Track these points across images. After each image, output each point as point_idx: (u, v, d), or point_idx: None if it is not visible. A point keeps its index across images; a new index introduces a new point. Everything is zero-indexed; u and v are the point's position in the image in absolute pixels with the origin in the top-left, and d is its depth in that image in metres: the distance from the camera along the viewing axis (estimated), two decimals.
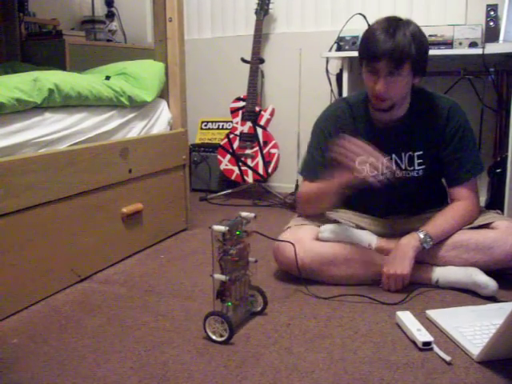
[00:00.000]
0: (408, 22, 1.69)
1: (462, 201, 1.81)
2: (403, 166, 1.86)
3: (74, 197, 1.84)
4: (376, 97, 1.73)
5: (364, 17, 2.70)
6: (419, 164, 1.85)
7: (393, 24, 1.66)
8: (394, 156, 1.85)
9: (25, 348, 1.40)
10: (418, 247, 1.71)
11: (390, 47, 1.63)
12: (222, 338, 1.42)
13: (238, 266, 1.47)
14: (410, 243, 1.72)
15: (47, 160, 1.73)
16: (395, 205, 1.93)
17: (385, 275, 1.71)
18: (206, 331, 1.44)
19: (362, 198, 1.93)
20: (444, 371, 1.25)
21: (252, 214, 1.51)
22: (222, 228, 1.41)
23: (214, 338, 1.43)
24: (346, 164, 1.63)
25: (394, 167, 1.82)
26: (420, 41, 1.67)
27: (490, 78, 2.70)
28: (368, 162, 1.61)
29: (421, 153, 1.84)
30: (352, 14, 2.78)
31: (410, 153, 1.85)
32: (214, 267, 1.43)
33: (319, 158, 1.90)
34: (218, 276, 1.43)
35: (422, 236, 1.72)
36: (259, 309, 1.59)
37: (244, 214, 1.51)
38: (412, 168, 1.86)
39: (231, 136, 3.25)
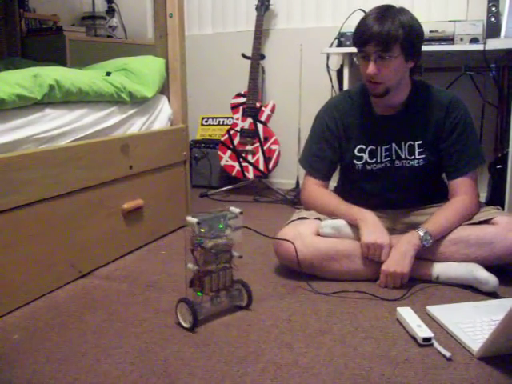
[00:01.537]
0: (400, 9, 1.75)
1: (461, 196, 1.82)
2: (403, 156, 1.88)
3: (75, 193, 1.84)
4: (369, 81, 1.77)
5: (365, 12, 2.68)
6: (420, 153, 1.86)
7: (383, 10, 1.73)
8: (393, 145, 1.87)
9: (26, 344, 1.41)
10: (418, 246, 1.71)
11: (376, 30, 1.69)
12: (189, 325, 1.46)
13: (216, 259, 1.49)
14: (410, 242, 1.72)
15: (48, 156, 1.73)
16: (396, 196, 1.94)
17: (384, 273, 1.71)
18: (176, 316, 1.50)
19: (362, 191, 1.94)
20: (444, 367, 1.26)
21: (238, 210, 1.51)
22: (192, 219, 1.43)
23: (182, 323, 1.48)
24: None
25: (394, 156, 1.86)
26: (410, 25, 1.71)
27: (491, 73, 2.69)
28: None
29: (421, 142, 1.86)
30: (353, 10, 2.77)
31: (411, 142, 1.86)
32: (189, 257, 1.47)
33: (318, 152, 1.95)
34: (189, 265, 1.47)
35: (422, 234, 1.72)
36: (244, 303, 1.60)
37: (231, 208, 1.52)
38: (412, 157, 1.87)
39: (232, 132, 3.24)
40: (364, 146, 1.90)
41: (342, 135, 1.92)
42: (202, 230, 1.45)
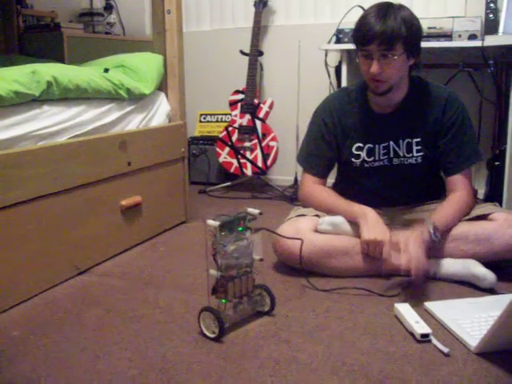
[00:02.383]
0: (399, 6, 1.73)
1: (459, 192, 1.82)
2: (401, 153, 1.88)
3: (73, 189, 1.84)
4: (372, 80, 1.76)
5: (363, 9, 2.68)
6: (418, 151, 1.86)
7: (384, 8, 1.71)
8: (391, 143, 1.87)
9: (25, 340, 1.41)
10: (429, 241, 1.65)
11: (380, 29, 1.67)
12: (214, 335, 1.39)
13: (238, 263, 1.43)
14: (423, 234, 1.64)
15: (46, 153, 1.73)
16: (394, 194, 1.94)
17: (411, 259, 1.58)
18: (200, 326, 1.42)
19: (359, 189, 1.95)
20: (442, 363, 1.26)
21: (257, 211, 1.44)
22: (214, 223, 1.36)
23: (207, 333, 1.41)
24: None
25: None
26: (410, 22, 1.70)
27: (490, 70, 2.69)
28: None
29: (419, 139, 1.86)
30: (351, 7, 2.77)
31: (409, 139, 1.86)
32: (211, 263, 1.40)
33: (316, 150, 1.95)
34: (212, 272, 1.40)
35: (431, 229, 1.66)
36: (267, 309, 1.54)
37: (250, 209, 1.45)
38: (410, 155, 1.87)
39: (230, 129, 3.24)
40: (362, 144, 1.90)
41: (340, 133, 1.92)
42: (222, 234, 1.39)
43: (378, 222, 1.76)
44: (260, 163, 3.16)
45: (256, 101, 3.18)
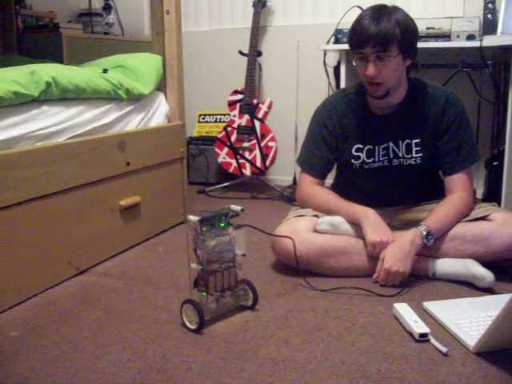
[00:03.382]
0: (394, 8, 1.73)
1: (458, 193, 1.82)
2: (400, 154, 1.88)
3: (72, 190, 1.84)
4: (370, 83, 1.76)
5: (361, 9, 2.68)
6: (417, 152, 1.86)
7: (377, 11, 1.71)
8: (391, 144, 1.87)
9: (24, 340, 1.41)
10: (420, 245, 1.71)
11: (374, 31, 1.67)
12: (196, 326, 1.43)
13: (220, 258, 1.47)
14: (414, 242, 1.71)
15: (45, 153, 1.73)
16: (393, 194, 1.95)
17: (386, 271, 1.70)
18: (182, 319, 1.47)
19: (359, 189, 1.95)
20: (440, 362, 1.26)
21: (239, 207, 1.50)
22: (194, 218, 1.42)
23: (188, 325, 1.45)
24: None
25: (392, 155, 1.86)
26: (405, 23, 1.70)
27: (488, 70, 2.70)
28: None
29: (418, 140, 1.86)
30: (350, 7, 2.77)
31: (408, 140, 1.86)
32: (193, 257, 1.45)
33: (315, 151, 1.95)
34: (193, 265, 1.45)
35: (424, 233, 1.71)
36: (250, 303, 1.58)
37: (232, 206, 1.51)
38: (410, 156, 1.87)
39: (229, 129, 3.24)
40: (361, 146, 1.90)
41: (339, 134, 1.92)
42: (204, 229, 1.44)
43: (380, 222, 1.77)
44: (259, 163, 3.16)
45: (255, 101, 3.19)
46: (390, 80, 1.75)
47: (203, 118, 3.67)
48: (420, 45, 1.81)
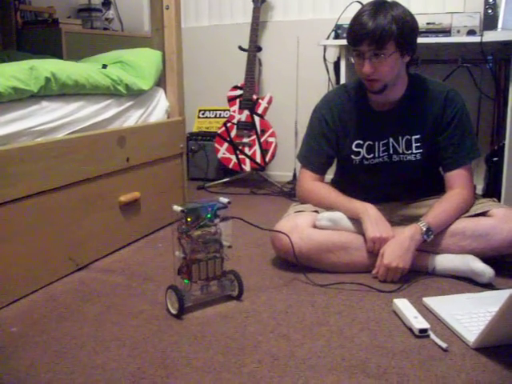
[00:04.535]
0: (393, 4, 1.72)
1: (458, 189, 1.82)
2: (400, 150, 1.87)
3: (72, 185, 1.84)
4: (366, 79, 1.76)
5: (362, 4, 2.68)
6: (417, 148, 1.86)
7: (375, 7, 1.70)
8: (391, 140, 1.87)
9: (24, 336, 1.41)
10: (420, 240, 1.71)
11: (369, 28, 1.66)
12: (176, 311, 1.49)
13: (205, 248, 1.51)
14: (413, 237, 1.71)
15: (44, 149, 1.72)
16: (393, 190, 1.95)
17: (386, 267, 1.70)
18: (166, 304, 1.54)
19: (358, 185, 1.95)
20: (440, 358, 1.26)
21: (226, 200, 1.52)
22: (177, 208, 1.46)
23: (171, 310, 1.52)
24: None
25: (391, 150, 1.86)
26: (402, 20, 1.69)
27: (488, 66, 2.69)
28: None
29: (418, 136, 1.86)
30: (350, 2, 2.76)
31: (408, 136, 1.86)
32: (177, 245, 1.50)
33: (316, 146, 1.95)
34: (177, 253, 1.50)
35: (424, 229, 1.71)
36: (236, 294, 1.61)
37: (220, 198, 1.53)
38: (410, 152, 1.87)
39: (229, 124, 3.24)
40: (361, 141, 1.89)
41: (340, 130, 1.92)
42: (188, 219, 1.46)
43: (380, 218, 1.77)
44: (258, 159, 3.16)
45: (255, 96, 3.18)
46: (387, 76, 1.74)
47: (203, 114, 3.67)
48: (420, 40, 1.80)
